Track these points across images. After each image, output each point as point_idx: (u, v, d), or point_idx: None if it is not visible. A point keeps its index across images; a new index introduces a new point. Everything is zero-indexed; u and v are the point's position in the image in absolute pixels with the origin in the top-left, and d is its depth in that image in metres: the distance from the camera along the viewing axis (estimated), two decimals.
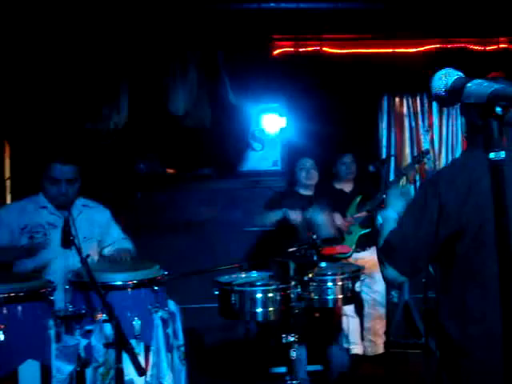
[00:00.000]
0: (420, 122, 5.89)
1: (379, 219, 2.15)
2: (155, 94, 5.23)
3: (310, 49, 5.73)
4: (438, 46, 5.73)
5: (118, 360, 2.13)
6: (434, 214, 1.89)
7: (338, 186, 4.86)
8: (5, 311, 2.45)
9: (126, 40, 5.04)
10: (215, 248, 5.09)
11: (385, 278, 2.06)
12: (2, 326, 2.42)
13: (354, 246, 4.63)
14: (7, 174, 5.46)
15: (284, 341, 3.31)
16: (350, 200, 4.74)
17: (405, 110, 5.92)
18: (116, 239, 3.48)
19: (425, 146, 5.76)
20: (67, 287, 2.73)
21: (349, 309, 4.44)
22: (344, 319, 4.48)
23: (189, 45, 5.26)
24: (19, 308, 2.50)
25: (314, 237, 3.52)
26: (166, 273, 2.91)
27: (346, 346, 4.52)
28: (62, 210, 3.25)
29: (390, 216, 2.10)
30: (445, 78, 1.53)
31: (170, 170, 5.69)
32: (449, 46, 5.72)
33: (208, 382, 4.23)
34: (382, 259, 2.01)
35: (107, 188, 4.78)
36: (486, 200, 1.54)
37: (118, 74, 5.19)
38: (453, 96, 1.50)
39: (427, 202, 1.92)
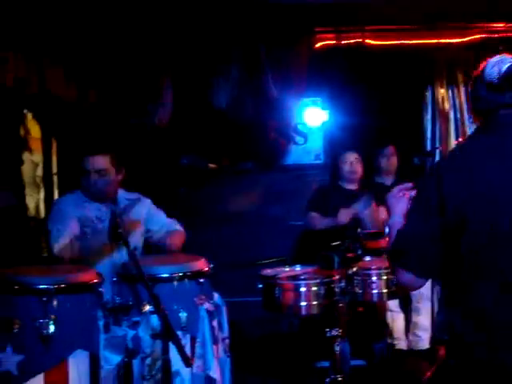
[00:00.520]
0: (465, 114, 5.78)
1: (386, 229, 2.04)
2: (199, 89, 5.27)
3: (351, 41, 5.68)
4: (482, 35, 5.60)
5: (165, 351, 2.16)
6: (437, 205, 1.77)
7: (378, 179, 4.78)
8: (55, 303, 2.49)
9: (170, 36, 5.09)
10: (258, 242, 5.09)
11: (402, 286, 1.92)
12: (53, 317, 2.47)
13: None
14: (54, 169, 5.59)
15: (328, 335, 3.30)
16: None
17: (449, 101, 5.82)
18: (163, 224, 3.47)
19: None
20: (115, 279, 2.77)
21: (393, 304, 4.38)
22: (388, 314, 4.42)
23: (231, 39, 5.28)
24: (69, 299, 2.55)
25: (359, 230, 3.50)
26: (211, 265, 2.93)
27: (390, 341, 4.47)
28: (105, 204, 3.27)
29: (395, 222, 1.95)
30: (498, 66, 1.49)
31: (212, 165, 5.72)
32: (494, 36, 5.59)
33: (251, 376, 4.25)
34: (394, 266, 1.88)
35: (151, 183, 4.84)
36: (494, 188, 1.46)
37: (162, 70, 5.25)
38: (506, 83, 1.47)
39: (429, 194, 1.81)
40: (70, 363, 2.49)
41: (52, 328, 2.46)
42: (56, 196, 5.45)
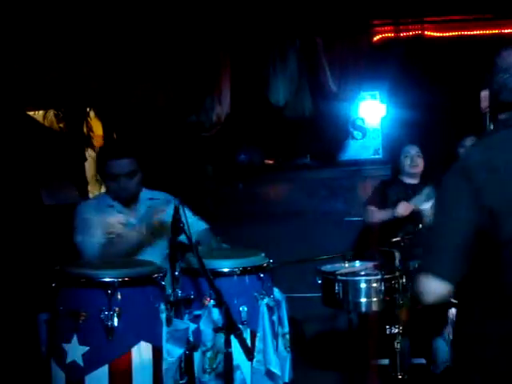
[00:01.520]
0: None
1: None
2: (256, 84, 5.28)
3: (411, 33, 5.56)
4: None
5: (228, 344, 2.17)
6: (468, 200, 1.68)
7: None
8: (119, 296, 2.54)
9: (227, 32, 5.12)
10: (315, 238, 5.07)
11: (427, 297, 1.73)
12: (117, 310, 2.51)
13: None
14: None
15: (388, 332, 3.25)
16: None
17: None
18: (190, 223, 3.37)
19: None
20: (176, 273, 2.80)
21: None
22: (451, 312, 4.30)
23: (288, 33, 5.26)
24: (133, 292, 2.58)
25: (420, 226, 3.43)
26: (271, 260, 2.93)
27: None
28: (130, 208, 3.27)
29: None
30: None
31: (269, 161, 5.73)
32: None
33: (309, 372, 4.24)
34: (421, 273, 1.74)
35: (210, 179, 4.89)
36: None
37: (219, 66, 5.28)
38: None
39: (458, 189, 1.71)
40: (133, 355, 2.53)
41: (116, 320, 2.50)
42: None
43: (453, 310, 4.34)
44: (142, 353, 2.55)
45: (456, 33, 5.52)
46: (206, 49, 5.18)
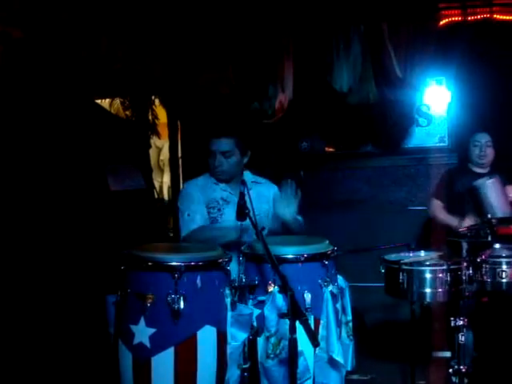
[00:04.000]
0: None
1: None
2: (319, 71, 5.23)
3: (479, 16, 5.38)
4: None
5: (293, 330, 2.17)
6: None
7: None
8: (185, 280, 2.58)
9: (290, 18, 5.09)
10: (378, 227, 5.01)
11: None
12: (183, 293, 2.55)
13: None
14: (179, 153, 5.81)
15: (452, 324, 3.18)
16: None
17: None
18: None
19: None
20: (241, 259, 2.83)
21: None
22: None
23: (352, 19, 5.18)
24: (198, 277, 2.61)
25: (489, 216, 3.34)
26: (335, 248, 2.91)
27: None
28: (234, 186, 3.33)
29: None
30: None
31: (330, 149, 5.68)
32: None
33: (370, 361, 4.22)
34: None
35: (272, 167, 4.89)
36: None
37: (282, 52, 5.26)
38: None
39: None
40: (198, 338, 2.57)
41: (182, 304, 2.54)
42: (181, 179, 5.66)
43: None
44: (206, 336, 2.59)
45: None
46: (268, 36, 5.17)
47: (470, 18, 5.39)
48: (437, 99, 5.43)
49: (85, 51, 4.51)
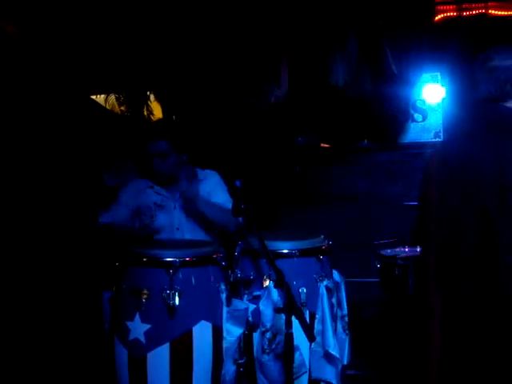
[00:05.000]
0: None
1: None
2: (315, 66, 5.23)
3: (474, 12, 5.38)
4: None
5: (289, 325, 2.17)
6: None
7: None
8: (180, 275, 2.58)
9: (286, 14, 5.08)
10: (373, 222, 5.01)
11: None
12: (178, 289, 2.55)
13: None
14: None
15: None
16: None
17: None
18: (221, 203, 3.22)
19: None
20: (236, 254, 2.82)
21: None
22: None
23: (349, 14, 5.18)
24: (194, 272, 2.62)
25: None
26: (330, 243, 2.91)
27: None
28: (170, 190, 3.24)
29: None
30: None
31: (325, 144, 5.68)
32: None
33: (366, 356, 4.21)
34: None
35: (268, 162, 4.88)
36: None
37: (278, 48, 5.25)
38: None
39: None
40: (194, 334, 2.57)
41: (177, 299, 2.54)
42: None
43: None
44: (202, 332, 2.59)
45: None
46: (264, 33, 5.16)
47: (465, 14, 5.39)
48: (432, 95, 5.43)
49: (79, 47, 4.50)
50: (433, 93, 5.43)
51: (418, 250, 3.48)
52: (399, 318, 4.33)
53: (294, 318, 2.17)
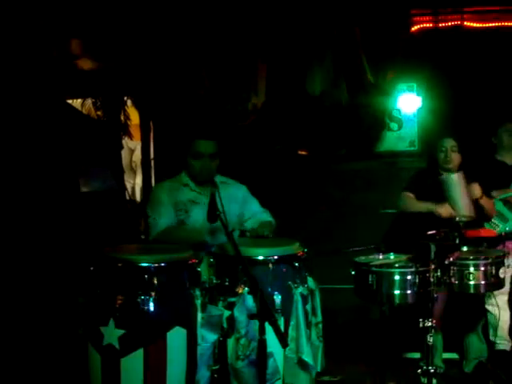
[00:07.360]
0: None
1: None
2: (293, 74, 5.25)
3: (450, 23, 5.46)
4: None
5: (262, 332, 2.18)
6: None
7: (499, 157, 4.50)
8: (155, 281, 2.58)
9: (262, 22, 5.11)
10: (350, 229, 5.05)
11: None
12: (153, 294, 2.55)
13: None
14: (152, 154, 5.78)
15: (421, 325, 3.22)
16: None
17: None
18: (255, 212, 3.55)
19: None
20: (211, 260, 2.83)
21: (502, 301, 4.13)
22: (495, 310, 4.16)
23: (326, 23, 5.22)
24: (168, 278, 2.62)
25: (457, 219, 3.39)
26: (305, 250, 2.93)
27: (492, 339, 4.23)
28: (203, 187, 3.36)
29: None
30: None
31: (302, 152, 5.71)
32: None
33: (340, 362, 4.24)
34: None
35: (245, 169, 4.89)
36: None
37: (256, 56, 5.28)
38: None
39: None
40: (168, 339, 2.57)
41: (152, 305, 2.55)
42: (153, 180, 5.63)
43: (496, 310, 4.21)
44: (176, 337, 2.60)
45: (496, 24, 5.40)
46: (242, 40, 5.18)
47: (441, 25, 5.47)
48: (408, 104, 5.50)
49: (56, 51, 4.47)
50: (408, 103, 5.50)
51: (392, 257, 3.51)
52: (373, 324, 4.38)
53: (267, 325, 2.19)
